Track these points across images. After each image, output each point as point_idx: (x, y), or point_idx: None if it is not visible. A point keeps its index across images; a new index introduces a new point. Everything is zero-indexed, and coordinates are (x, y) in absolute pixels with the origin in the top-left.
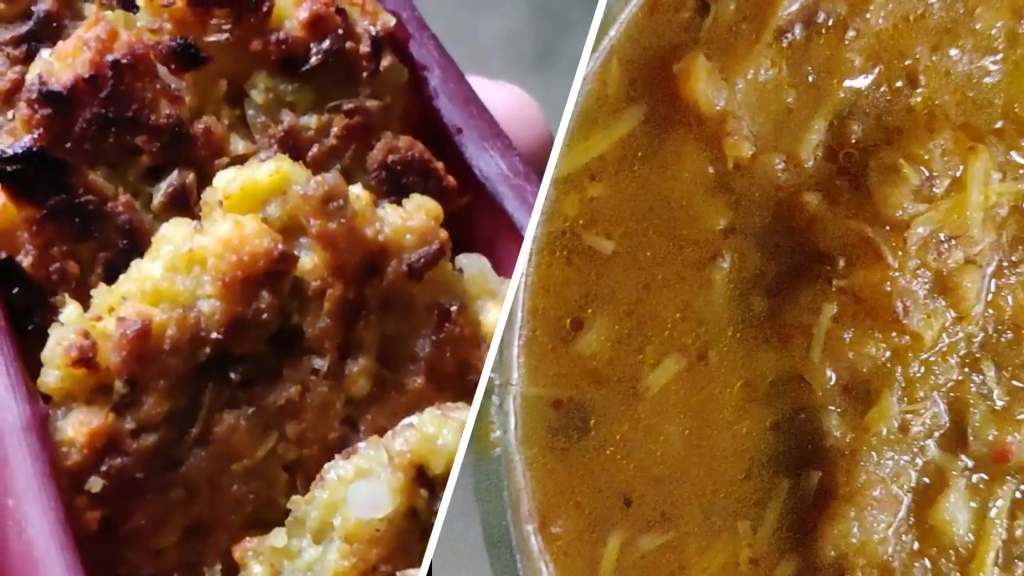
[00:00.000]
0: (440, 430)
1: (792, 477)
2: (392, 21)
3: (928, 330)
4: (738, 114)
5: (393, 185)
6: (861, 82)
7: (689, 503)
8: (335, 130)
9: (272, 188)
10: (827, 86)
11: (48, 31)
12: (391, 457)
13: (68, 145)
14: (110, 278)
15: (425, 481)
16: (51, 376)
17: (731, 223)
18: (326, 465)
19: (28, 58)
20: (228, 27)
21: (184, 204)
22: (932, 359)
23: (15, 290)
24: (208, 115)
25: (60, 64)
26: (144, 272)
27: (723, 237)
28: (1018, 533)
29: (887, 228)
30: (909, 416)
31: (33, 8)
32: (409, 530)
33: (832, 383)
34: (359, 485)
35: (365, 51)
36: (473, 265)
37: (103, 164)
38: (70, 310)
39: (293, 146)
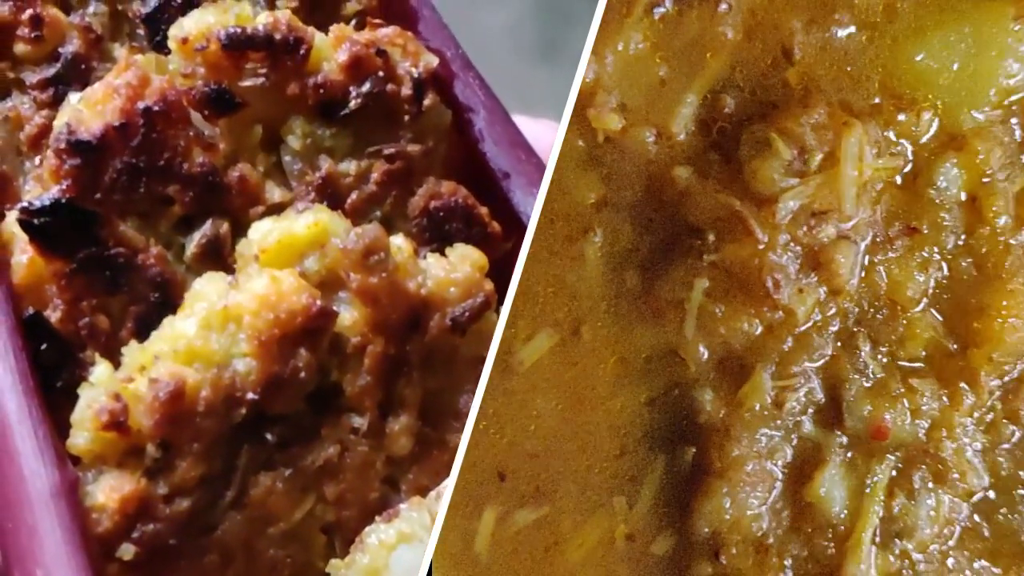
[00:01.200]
0: None
1: (668, 453)
2: (435, 61)
3: (801, 305)
4: (608, 87)
5: (436, 232)
6: (735, 56)
7: (564, 478)
8: (375, 176)
9: (310, 241)
10: (700, 60)
11: (76, 73)
12: (434, 519)
13: (98, 196)
14: (141, 332)
15: None
16: (81, 438)
17: (602, 197)
18: (367, 528)
19: (55, 102)
20: (264, 71)
21: (218, 255)
22: (806, 335)
23: (43, 346)
24: (243, 162)
25: (89, 112)
26: (177, 330)
27: (595, 211)
28: (896, 510)
29: (757, 202)
30: (783, 392)
31: (60, 50)
32: None
33: (706, 358)
34: (401, 551)
35: (407, 94)
36: None
37: (134, 214)
38: (100, 370)
39: (331, 193)
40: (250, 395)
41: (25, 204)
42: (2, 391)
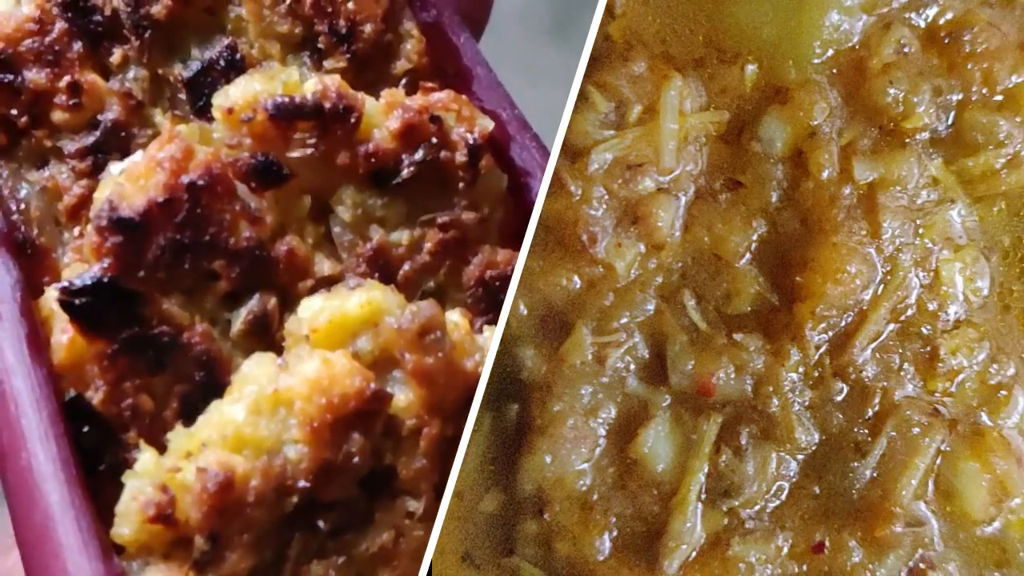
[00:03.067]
0: None
1: (493, 411)
2: (490, 125)
3: (620, 260)
4: None
5: (491, 303)
6: None
7: None
8: (428, 246)
9: (363, 321)
10: None
11: (116, 141)
12: None
13: (141, 273)
14: (186, 413)
15: None
16: (126, 529)
17: None
18: None
19: (94, 171)
20: (313, 141)
21: (266, 331)
22: (628, 290)
23: (85, 428)
24: (291, 234)
25: (132, 186)
26: (226, 415)
27: None
28: (722, 467)
29: (571, 155)
30: (605, 348)
31: (99, 117)
32: None
33: (526, 315)
34: None
35: (461, 160)
36: None
37: (178, 291)
38: (146, 458)
39: (383, 264)
40: (302, 483)
41: (65, 284)
42: (44, 480)
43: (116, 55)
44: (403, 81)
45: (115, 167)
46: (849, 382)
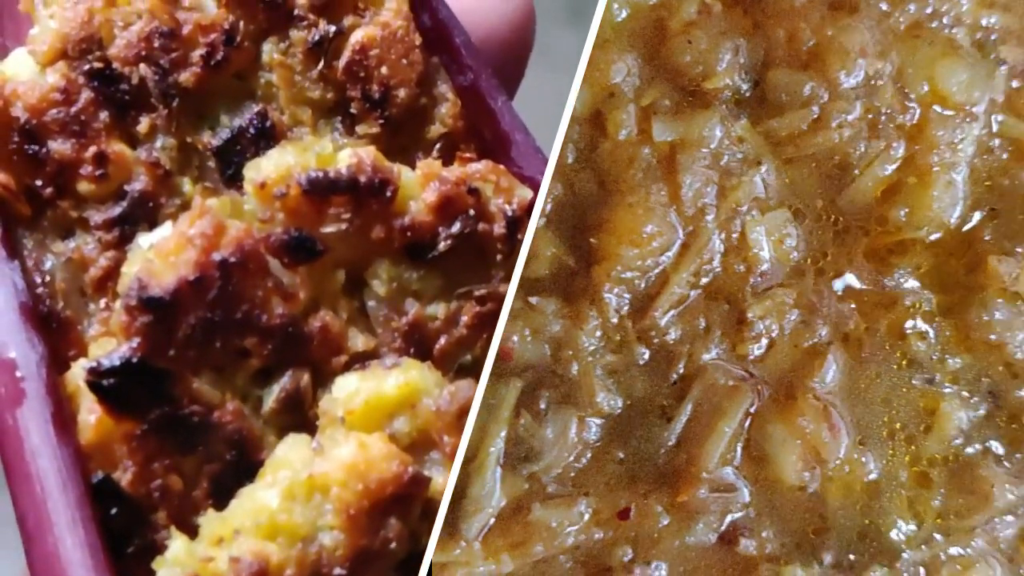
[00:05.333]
0: None
1: None
2: (529, 195)
3: None
4: None
5: None
6: None
7: None
8: (465, 319)
9: (400, 402)
10: None
11: (143, 212)
12: None
13: (171, 352)
14: (218, 493)
15: None
16: None
17: None
18: None
19: (121, 242)
20: (348, 216)
21: (299, 409)
22: None
23: (113, 511)
24: (324, 309)
25: (161, 263)
26: (259, 501)
27: None
28: (521, 432)
29: None
30: None
31: (126, 187)
32: None
33: None
34: None
35: (500, 232)
36: None
37: (208, 368)
38: (177, 546)
39: (419, 339)
40: (338, 571)
41: (93, 364)
42: (71, 567)
43: (143, 124)
44: (437, 145)
45: (143, 239)
46: (652, 346)
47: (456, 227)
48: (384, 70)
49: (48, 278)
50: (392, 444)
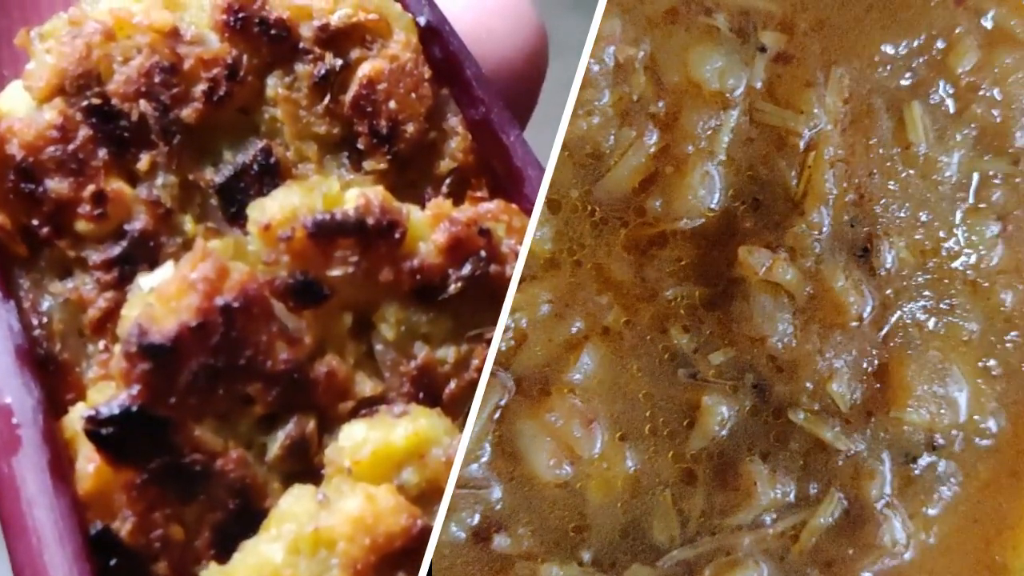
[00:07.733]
0: None
1: None
2: None
3: None
4: None
5: None
6: None
7: None
8: (476, 362)
9: (409, 452)
10: None
11: (143, 252)
12: None
13: (172, 400)
14: (220, 542)
15: None
16: None
17: None
18: None
19: (121, 282)
20: (355, 259)
21: (304, 456)
22: None
23: (112, 562)
24: (330, 353)
25: (162, 308)
26: (263, 556)
27: None
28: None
29: None
30: None
31: (126, 227)
32: None
33: None
34: None
35: (511, 274)
36: None
37: (211, 416)
38: None
39: (428, 383)
40: None
41: (92, 412)
42: None
43: (143, 161)
44: (447, 180)
45: (144, 280)
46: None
47: (467, 269)
48: (392, 104)
49: (45, 319)
50: (400, 496)
